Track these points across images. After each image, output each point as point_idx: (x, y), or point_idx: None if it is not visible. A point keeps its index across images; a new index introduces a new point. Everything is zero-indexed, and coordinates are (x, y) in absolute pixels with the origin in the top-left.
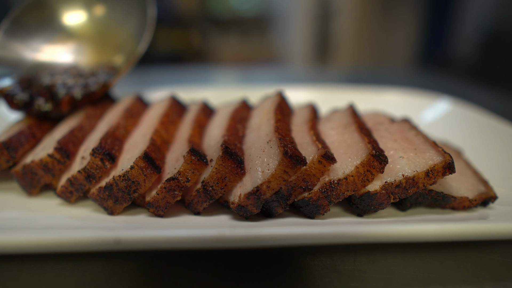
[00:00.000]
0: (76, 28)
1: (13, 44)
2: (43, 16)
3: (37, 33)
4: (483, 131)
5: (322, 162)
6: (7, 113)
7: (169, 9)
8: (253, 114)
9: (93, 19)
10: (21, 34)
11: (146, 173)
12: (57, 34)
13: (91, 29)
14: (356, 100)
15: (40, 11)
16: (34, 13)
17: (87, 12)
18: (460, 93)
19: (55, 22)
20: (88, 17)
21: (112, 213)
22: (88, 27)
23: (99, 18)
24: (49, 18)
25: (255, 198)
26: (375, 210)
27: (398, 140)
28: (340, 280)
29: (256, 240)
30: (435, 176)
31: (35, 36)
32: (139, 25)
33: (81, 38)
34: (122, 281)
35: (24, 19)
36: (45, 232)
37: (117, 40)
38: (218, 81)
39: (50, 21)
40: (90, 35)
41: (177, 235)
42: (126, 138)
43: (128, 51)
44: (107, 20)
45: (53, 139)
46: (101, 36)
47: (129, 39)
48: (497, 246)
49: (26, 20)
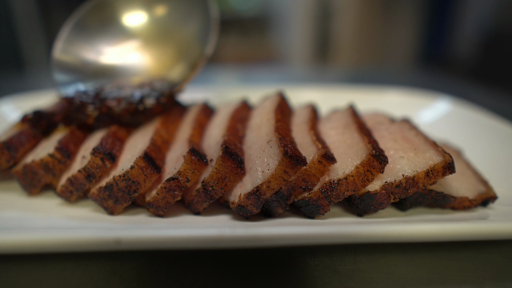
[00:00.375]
0: (138, 29)
1: (76, 48)
2: (104, 17)
3: (99, 35)
4: (483, 131)
5: (322, 162)
6: (7, 113)
7: None
8: (253, 114)
9: (155, 20)
10: (83, 37)
11: (146, 173)
12: (119, 36)
13: (152, 30)
14: (356, 100)
15: (102, 12)
16: (96, 14)
17: (148, 13)
18: (460, 93)
19: (116, 23)
20: (149, 18)
21: (112, 213)
22: (149, 29)
23: (161, 19)
24: (111, 20)
25: (255, 198)
26: (375, 210)
27: (398, 140)
28: (340, 280)
29: (256, 240)
30: (435, 176)
31: (97, 38)
32: (202, 27)
33: (142, 40)
34: (122, 281)
35: (87, 21)
36: (45, 232)
37: (179, 42)
38: (218, 81)
39: (112, 22)
40: (151, 37)
41: (177, 235)
42: (127, 137)
43: (191, 53)
44: (169, 21)
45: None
46: (163, 38)
47: (191, 41)
48: (497, 246)
49: (89, 22)
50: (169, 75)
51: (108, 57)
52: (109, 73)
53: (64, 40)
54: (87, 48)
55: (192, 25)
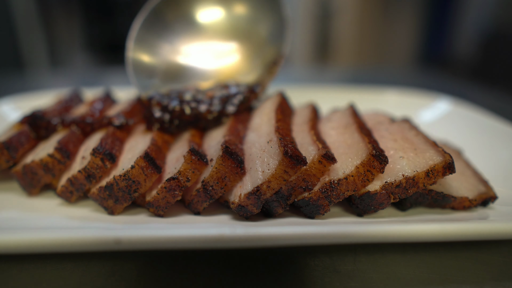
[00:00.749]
0: (213, 27)
1: (150, 37)
2: (180, 9)
3: (173, 28)
4: (483, 131)
5: (322, 162)
6: (7, 113)
7: None
8: (254, 114)
9: (231, 17)
10: (158, 27)
11: (146, 173)
12: (193, 32)
13: (228, 29)
14: (356, 100)
15: (177, 6)
16: (172, 5)
17: (225, 9)
18: (460, 93)
19: (191, 19)
20: (226, 15)
21: (112, 213)
22: (225, 27)
23: (237, 17)
24: (186, 15)
25: (255, 198)
26: (375, 210)
27: (398, 140)
28: (340, 280)
29: (256, 240)
30: (435, 176)
31: (170, 31)
32: (276, 26)
33: (217, 39)
34: (122, 281)
35: (163, 11)
36: (45, 232)
37: (254, 42)
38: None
39: (187, 17)
40: (226, 36)
41: (177, 235)
42: (127, 138)
43: (266, 54)
44: (244, 20)
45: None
46: (238, 38)
47: (266, 41)
48: (497, 246)
49: (164, 13)
50: (244, 77)
51: (182, 57)
52: (183, 73)
53: (138, 34)
54: (163, 45)
55: (266, 24)
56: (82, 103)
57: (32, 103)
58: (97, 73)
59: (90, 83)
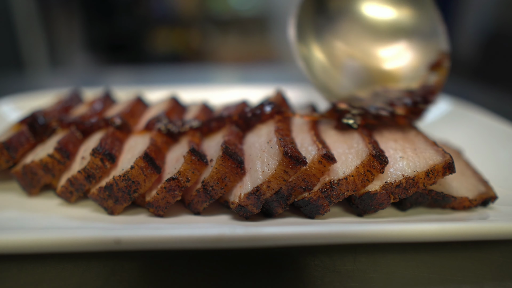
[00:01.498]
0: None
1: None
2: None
3: (335, 21)
4: (483, 131)
5: (322, 162)
6: (7, 113)
7: (169, 9)
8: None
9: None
10: (322, 17)
11: (146, 173)
12: (355, 27)
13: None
14: None
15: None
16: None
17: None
18: (460, 93)
19: (354, 11)
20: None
21: (112, 213)
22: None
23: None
24: (349, 7)
25: (255, 198)
26: (375, 210)
27: (398, 140)
28: (340, 280)
29: (256, 240)
30: (435, 176)
31: (333, 22)
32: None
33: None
34: (122, 281)
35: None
36: (45, 232)
37: (413, 42)
38: (218, 81)
39: (350, 10)
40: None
41: (177, 235)
42: (127, 138)
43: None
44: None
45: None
46: (400, 36)
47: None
48: (497, 246)
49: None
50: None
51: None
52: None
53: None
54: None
55: (422, 20)
56: (82, 103)
57: (32, 103)
58: (97, 73)
59: (90, 83)
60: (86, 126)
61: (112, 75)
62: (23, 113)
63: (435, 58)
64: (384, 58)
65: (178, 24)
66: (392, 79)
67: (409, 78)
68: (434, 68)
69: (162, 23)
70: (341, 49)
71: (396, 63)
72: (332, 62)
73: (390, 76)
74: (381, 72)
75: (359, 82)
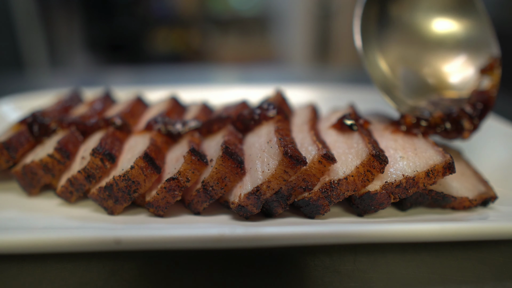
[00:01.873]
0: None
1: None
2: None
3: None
4: (483, 131)
5: (322, 162)
6: (7, 113)
7: (169, 9)
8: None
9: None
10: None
11: (146, 173)
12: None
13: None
14: (356, 100)
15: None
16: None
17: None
18: None
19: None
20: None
21: (112, 213)
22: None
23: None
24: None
25: (255, 198)
26: (375, 210)
27: (398, 140)
28: (340, 280)
29: (256, 240)
30: (435, 176)
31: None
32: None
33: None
34: (122, 281)
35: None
36: (45, 232)
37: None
38: (218, 81)
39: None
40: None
41: (177, 235)
42: (127, 138)
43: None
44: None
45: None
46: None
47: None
48: (497, 246)
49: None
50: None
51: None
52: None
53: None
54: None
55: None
56: (82, 103)
57: (32, 103)
58: (97, 73)
59: (90, 83)
60: (86, 126)
61: (112, 75)
62: (23, 113)
63: (485, 63)
64: (437, 67)
65: (178, 24)
66: (445, 87)
67: (461, 85)
68: (485, 72)
69: (162, 23)
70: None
71: (449, 71)
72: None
73: (443, 85)
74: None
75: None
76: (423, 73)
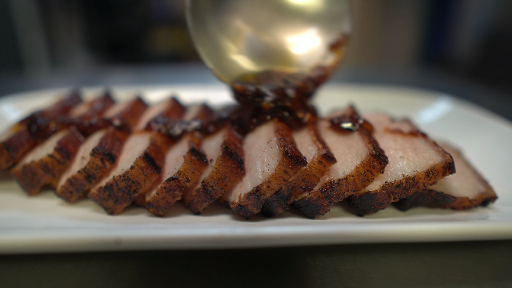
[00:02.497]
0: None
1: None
2: None
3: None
4: (483, 131)
5: (322, 162)
6: (7, 113)
7: (169, 9)
8: None
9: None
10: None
11: (146, 173)
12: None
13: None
14: (356, 100)
15: None
16: None
17: None
18: (460, 93)
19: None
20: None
21: (112, 213)
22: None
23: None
24: None
25: (255, 198)
26: (375, 210)
27: (398, 140)
28: (340, 280)
29: (256, 240)
30: (435, 176)
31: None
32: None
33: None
34: (122, 281)
35: None
36: (45, 232)
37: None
38: (218, 81)
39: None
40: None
41: (177, 235)
42: (127, 138)
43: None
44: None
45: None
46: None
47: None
48: (497, 246)
49: None
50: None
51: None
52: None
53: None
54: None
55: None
56: (82, 103)
57: (32, 103)
58: (97, 73)
59: (90, 83)
60: (86, 126)
61: (112, 75)
62: (23, 113)
63: (335, 39)
64: (288, 35)
65: (178, 24)
66: (290, 61)
67: (307, 58)
68: (332, 49)
69: (162, 23)
70: (239, 25)
71: (298, 41)
72: (229, 38)
73: (288, 58)
74: (279, 53)
75: (260, 57)
76: (272, 40)
